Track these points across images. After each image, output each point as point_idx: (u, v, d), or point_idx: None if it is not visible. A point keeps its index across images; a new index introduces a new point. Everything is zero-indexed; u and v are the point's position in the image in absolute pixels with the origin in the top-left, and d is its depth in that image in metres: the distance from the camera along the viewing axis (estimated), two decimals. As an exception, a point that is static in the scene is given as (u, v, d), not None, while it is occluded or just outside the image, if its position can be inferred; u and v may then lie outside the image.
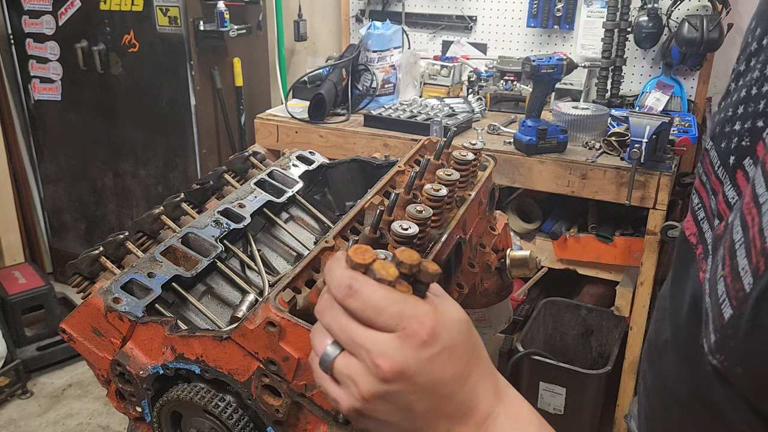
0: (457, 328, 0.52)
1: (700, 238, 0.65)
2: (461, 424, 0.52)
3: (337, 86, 2.52)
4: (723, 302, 0.53)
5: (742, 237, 0.52)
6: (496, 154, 2.14)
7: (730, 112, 0.63)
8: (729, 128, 0.62)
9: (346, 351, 0.52)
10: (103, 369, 0.88)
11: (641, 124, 1.92)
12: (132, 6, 2.85)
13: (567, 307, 2.51)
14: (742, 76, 0.64)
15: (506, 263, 1.25)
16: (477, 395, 0.53)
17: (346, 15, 3.11)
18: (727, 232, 0.55)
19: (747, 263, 0.50)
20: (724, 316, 0.52)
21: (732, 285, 0.52)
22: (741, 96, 0.62)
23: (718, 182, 0.62)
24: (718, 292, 0.54)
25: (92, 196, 3.38)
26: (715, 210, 0.63)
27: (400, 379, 0.49)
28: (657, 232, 1.99)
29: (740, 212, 0.54)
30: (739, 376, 0.53)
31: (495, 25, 2.84)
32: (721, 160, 0.62)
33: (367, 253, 0.52)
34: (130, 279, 0.87)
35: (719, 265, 0.55)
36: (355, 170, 1.29)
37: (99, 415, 2.64)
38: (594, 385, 2.20)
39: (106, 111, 3.14)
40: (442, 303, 0.53)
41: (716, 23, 2.23)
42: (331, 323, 0.52)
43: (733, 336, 0.51)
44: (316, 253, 0.82)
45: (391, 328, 0.50)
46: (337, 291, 0.51)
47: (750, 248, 0.50)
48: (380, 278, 0.50)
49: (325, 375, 0.53)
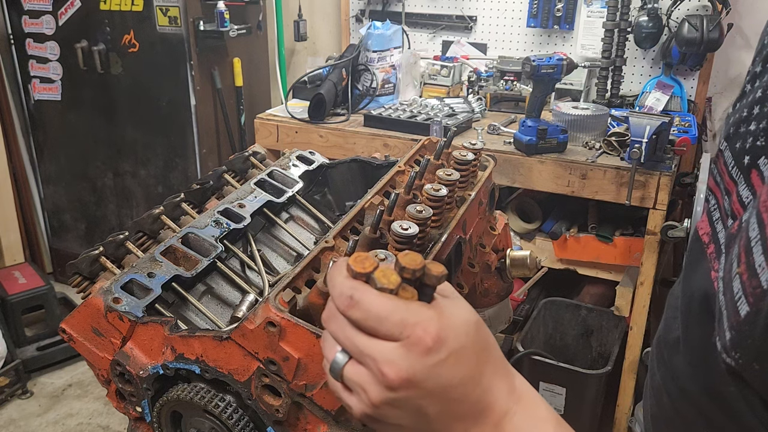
0: (465, 330, 0.51)
1: (713, 237, 0.65)
2: (477, 425, 0.52)
3: (337, 86, 2.52)
4: (739, 299, 0.52)
5: (758, 234, 0.52)
6: (496, 154, 2.14)
7: (745, 113, 0.63)
8: (744, 128, 0.62)
9: (354, 360, 0.52)
10: (103, 369, 0.88)
11: (641, 124, 1.92)
12: (132, 6, 2.86)
13: (567, 307, 2.51)
14: (759, 78, 0.63)
15: (506, 263, 1.25)
16: (491, 395, 0.53)
17: (346, 15, 3.11)
18: (743, 231, 0.55)
19: (764, 260, 0.50)
20: (740, 313, 0.52)
21: (749, 282, 0.51)
22: (756, 97, 0.62)
23: (732, 182, 0.62)
24: (734, 289, 0.54)
25: (92, 196, 3.38)
26: (729, 209, 0.62)
27: (408, 386, 0.49)
28: (657, 232, 1.99)
29: (756, 210, 0.53)
30: (756, 373, 0.53)
31: (495, 25, 2.84)
32: (736, 160, 0.62)
33: (368, 261, 0.51)
34: (130, 279, 0.87)
35: (734, 263, 0.55)
36: (355, 170, 1.29)
37: (99, 415, 2.64)
38: (594, 385, 2.20)
39: (106, 111, 3.14)
40: (449, 305, 0.52)
41: (716, 23, 2.23)
42: (337, 332, 0.53)
43: (750, 333, 0.51)
44: (316, 253, 0.82)
45: (396, 337, 0.49)
46: (339, 301, 0.51)
47: (767, 245, 0.50)
48: (381, 287, 0.50)
49: (337, 382, 0.54)
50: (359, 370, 0.51)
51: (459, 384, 0.51)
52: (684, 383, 0.68)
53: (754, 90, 0.63)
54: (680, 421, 0.69)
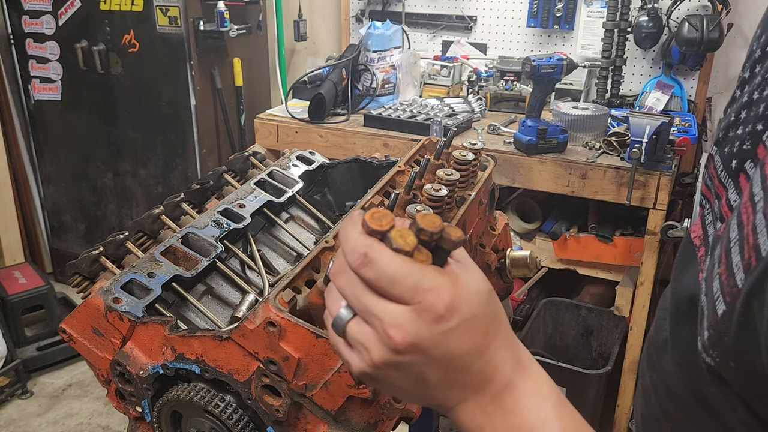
0: (477, 299, 0.50)
1: (704, 241, 0.66)
2: (476, 394, 0.52)
3: (337, 86, 2.52)
4: (717, 299, 0.53)
5: (737, 235, 0.52)
6: (496, 154, 2.14)
7: (733, 117, 0.63)
8: (732, 133, 0.62)
9: (359, 317, 0.51)
10: (103, 369, 0.88)
11: (641, 124, 1.92)
12: (132, 6, 2.85)
13: (567, 307, 2.51)
14: (747, 83, 0.64)
15: (506, 263, 1.25)
16: (495, 366, 0.52)
17: (346, 15, 3.11)
18: (726, 232, 0.56)
19: (740, 259, 0.51)
20: (718, 312, 0.52)
21: (726, 281, 0.52)
22: (744, 101, 0.63)
23: (722, 187, 0.63)
24: (714, 289, 0.54)
25: (92, 196, 3.38)
26: (718, 213, 0.63)
27: (413, 351, 0.48)
28: (657, 232, 1.99)
29: (738, 212, 0.54)
30: (733, 372, 0.53)
31: (495, 25, 2.84)
32: (725, 164, 0.63)
33: (385, 219, 0.49)
34: (130, 279, 0.87)
35: (716, 264, 0.55)
36: (355, 170, 1.29)
37: (99, 415, 2.64)
38: (594, 385, 2.20)
39: (106, 111, 3.14)
40: (463, 273, 0.51)
41: (716, 23, 2.23)
42: (345, 289, 0.51)
43: (726, 331, 0.51)
44: (316, 253, 0.82)
45: (407, 301, 0.48)
46: (352, 258, 0.49)
47: (744, 245, 0.51)
48: (397, 248, 0.48)
49: (339, 338, 0.52)
50: (363, 329, 0.50)
51: (464, 354, 0.50)
52: (671, 383, 0.69)
53: (742, 95, 0.64)
54: (667, 422, 0.70)
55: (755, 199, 0.51)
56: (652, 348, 0.75)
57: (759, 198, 0.51)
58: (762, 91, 0.60)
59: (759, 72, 0.63)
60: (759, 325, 0.47)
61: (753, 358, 0.49)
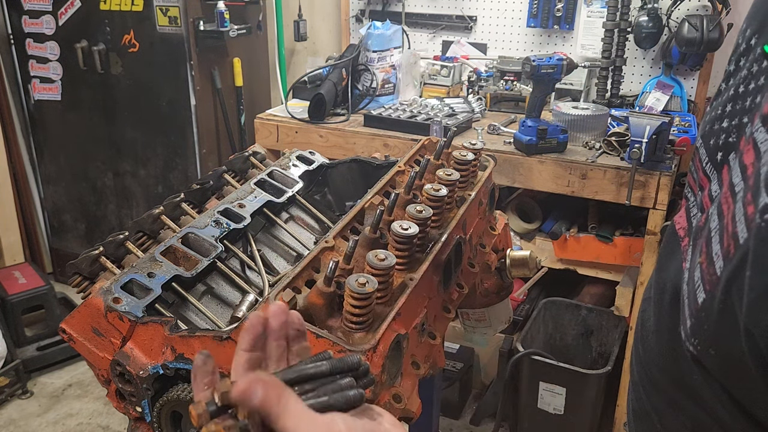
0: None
1: (688, 231, 0.67)
2: None
3: (337, 86, 2.52)
4: (698, 288, 0.54)
5: (717, 225, 0.53)
6: (496, 154, 2.14)
7: (719, 110, 0.64)
8: (718, 126, 0.63)
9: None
10: (103, 369, 0.88)
11: (641, 124, 1.92)
12: (132, 6, 2.85)
13: (567, 307, 2.51)
14: (732, 76, 0.65)
15: (506, 263, 1.25)
16: None
17: (346, 15, 3.11)
18: (707, 222, 0.56)
19: (720, 248, 0.51)
20: (698, 300, 0.53)
21: (707, 270, 0.53)
22: (729, 95, 0.63)
23: (706, 178, 0.64)
24: (695, 278, 0.55)
25: (92, 196, 3.38)
26: (700, 204, 0.64)
27: None
28: (657, 232, 1.99)
29: (718, 202, 0.55)
30: (713, 359, 0.54)
31: (495, 25, 2.84)
32: (710, 156, 0.63)
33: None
34: (130, 279, 0.87)
35: (697, 254, 0.56)
36: (355, 170, 1.29)
37: (99, 415, 2.64)
38: (594, 385, 2.20)
39: (106, 111, 3.14)
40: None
41: (716, 23, 2.23)
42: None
43: (706, 319, 0.52)
44: (316, 253, 0.82)
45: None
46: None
47: (723, 234, 0.52)
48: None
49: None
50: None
51: None
52: (654, 374, 0.69)
53: (728, 88, 0.65)
54: (655, 413, 0.70)
55: (735, 189, 0.52)
56: (638, 342, 0.75)
57: (739, 188, 0.51)
58: (747, 85, 0.60)
59: (744, 65, 0.63)
60: (738, 312, 0.48)
61: (732, 346, 0.49)
